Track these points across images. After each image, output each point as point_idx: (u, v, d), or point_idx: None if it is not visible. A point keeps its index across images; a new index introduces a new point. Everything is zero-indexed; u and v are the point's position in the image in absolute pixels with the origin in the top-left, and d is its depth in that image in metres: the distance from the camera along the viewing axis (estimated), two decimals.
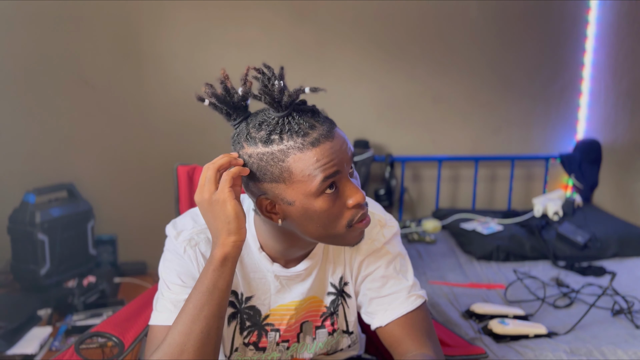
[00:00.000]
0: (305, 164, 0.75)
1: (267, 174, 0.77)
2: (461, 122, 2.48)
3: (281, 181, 0.76)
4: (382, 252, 0.94)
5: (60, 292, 1.77)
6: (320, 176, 0.75)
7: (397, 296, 0.92)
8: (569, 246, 1.98)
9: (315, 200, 0.77)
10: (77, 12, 2.07)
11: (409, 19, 2.34)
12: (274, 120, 0.77)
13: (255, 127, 0.79)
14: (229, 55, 2.21)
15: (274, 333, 0.94)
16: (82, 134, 2.17)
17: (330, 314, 0.97)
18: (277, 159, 0.76)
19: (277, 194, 0.78)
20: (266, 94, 0.77)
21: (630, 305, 1.54)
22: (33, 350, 1.48)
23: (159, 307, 0.86)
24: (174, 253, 0.88)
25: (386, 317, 0.91)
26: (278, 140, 0.76)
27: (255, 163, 0.78)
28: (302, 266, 0.91)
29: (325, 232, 0.80)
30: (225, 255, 0.77)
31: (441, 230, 2.26)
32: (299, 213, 0.78)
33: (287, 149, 0.75)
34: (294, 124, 0.76)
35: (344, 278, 0.97)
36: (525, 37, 2.44)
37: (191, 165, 1.38)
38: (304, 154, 0.75)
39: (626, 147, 2.31)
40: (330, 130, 0.77)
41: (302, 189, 0.76)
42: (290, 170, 0.76)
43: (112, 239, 2.16)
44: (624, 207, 2.30)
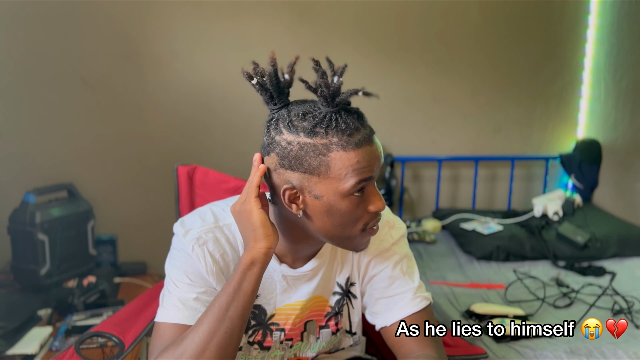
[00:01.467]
0: (344, 163, 0.76)
1: (303, 163, 0.77)
2: (461, 122, 2.48)
3: (316, 174, 0.77)
4: (389, 252, 0.95)
5: (60, 292, 1.77)
6: (355, 178, 0.77)
7: (402, 297, 0.93)
8: (569, 246, 1.98)
9: (343, 200, 0.78)
10: (77, 12, 2.07)
11: (409, 19, 2.34)
12: (321, 114, 0.77)
13: (298, 116, 0.78)
14: (229, 55, 2.20)
15: (278, 332, 0.94)
16: (82, 134, 2.17)
17: (335, 314, 0.98)
18: (318, 152, 0.76)
19: (307, 185, 0.78)
20: (322, 87, 0.77)
21: (630, 305, 1.54)
22: (33, 350, 1.48)
23: (165, 304, 0.86)
24: (182, 251, 0.88)
25: (391, 318, 0.92)
26: (323, 133, 0.76)
27: (293, 151, 0.78)
28: (309, 266, 0.92)
29: (341, 232, 0.81)
30: (252, 260, 0.79)
31: (441, 230, 2.26)
32: (322, 208, 0.79)
33: (331, 144, 0.76)
34: (341, 121, 0.77)
35: (351, 278, 0.97)
36: (525, 37, 2.44)
37: (191, 165, 1.38)
38: (347, 153, 0.76)
39: (626, 147, 2.31)
40: (372, 135, 0.80)
41: (334, 186, 0.77)
42: (329, 165, 0.76)
43: (112, 239, 2.16)
44: (624, 207, 2.30)
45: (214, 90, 2.22)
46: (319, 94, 0.77)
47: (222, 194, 1.36)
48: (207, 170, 1.39)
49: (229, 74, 2.21)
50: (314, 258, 0.92)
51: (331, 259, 0.95)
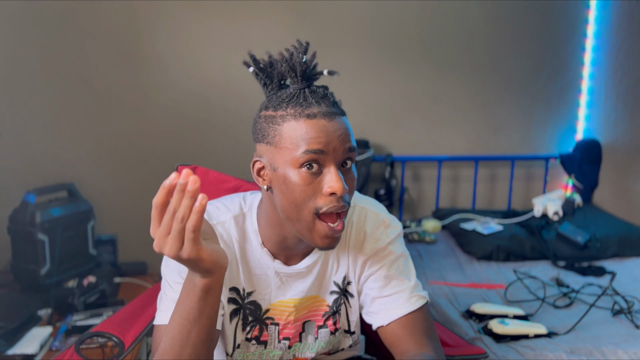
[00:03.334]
0: (295, 133, 0.79)
1: (264, 134, 0.83)
2: (461, 122, 2.48)
3: (272, 144, 0.81)
4: (385, 252, 0.95)
5: (60, 292, 1.77)
6: (303, 148, 0.78)
7: (399, 296, 0.93)
8: (569, 246, 1.98)
9: (294, 172, 0.79)
10: (77, 12, 2.07)
11: (409, 19, 2.34)
12: (289, 91, 0.82)
13: (275, 96, 0.84)
14: (229, 55, 2.20)
15: (273, 327, 0.95)
16: (82, 134, 2.17)
17: (333, 313, 0.98)
18: (275, 122, 0.81)
19: (268, 157, 0.83)
20: (287, 63, 0.83)
21: (630, 305, 1.54)
22: (33, 350, 1.48)
23: (162, 306, 0.87)
24: None
25: (388, 317, 0.92)
26: (284, 107, 0.81)
27: (259, 124, 0.84)
28: (304, 264, 0.92)
29: (295, 213, 0.81)
30: (208, 286, 0.71)
31: (441, 230, 2.26)
32: (279, 181, 0.81)
33: (286, 115, 0.80)
34: (301, 96, 0.81)
35: (347, 277, 0.97)
36: (525, 37, 2.44)
37: (191, 166, 1.38)
38: (298, 123, 0.79)
39: (626, 147, 2.31)
40: (332, 113, 0.81)
41: (286, 155, 0.80)
42: (281, 135, 0.80)
43: (112, 239, 2.15)
44: (624, 207, 2.30)
45: (214, 91, 2.22)
46: (283, 69, 0.83)
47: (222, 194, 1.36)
48: (207, 170, 1.38)
49: (229, 74, 2.21)
50: (308, 256, 0.93)
51: (326, 258, 0.95)
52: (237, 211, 0.92)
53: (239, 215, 0.92)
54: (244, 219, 0.92)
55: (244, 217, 0.92)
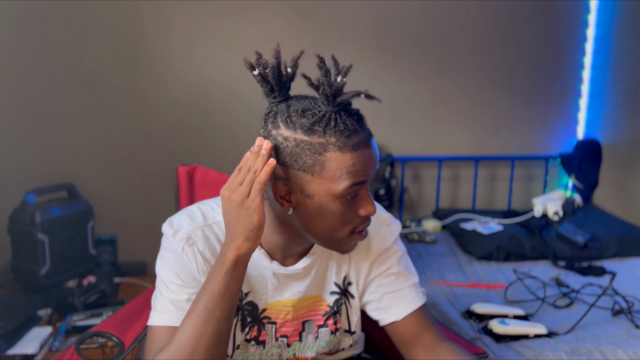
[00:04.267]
0: (340, 164, 0.75)
1: (298, 161, 0.76)
2: (461, 122, 2.48)
3: (310, 172, 0.76)
4: (391, 250, 0.97)
5: (60, 292, 1.77)
6: (349, 181, 0.76)
7: (407, 291, 0.96)
8: (569, 246, 1.98)
9: (334, 201, 0.78)
10: (77, 12, 2.07)
11: (409, 19, 2.34)
12: (321, 113, 0.76)
13: (297, 112, 0.78)
14: (229, 55, 2.21)
15: (270, 326, 0.94)
16: (82, 134, 2.17)
17: (334, 313, 0.98)
18: (314, 150, 0.76)
19: (300, 183, 0.78)
20: (325, 85, 0.76)
21: (630, 305, 1.54)
22: (33, 350, 1.48)
23: (158, 307, 0.85)
24: (172, 252, 0.87)
25: (401, 312, 0.94)
26: (321, 132, 0.75)
27: (289, 147, 0.77)
28: (301, 264, 0.92)
29: (329, 234, 0.81)
30: (238, 258, 0.77)
31: (441, 230, 2.26)
32: (313, 208, 0.78)
33: (328, 144, 0.75)
34: (340, 122, 0.76)
35: (348, 278, 0.98)
36: (525, 37, 2.44)
37: (191, 165, 1.38)
38: (344, 154, 0.75)
39: (626, 147, 2.31)
40: (369, 139, 0.79)
41: (327, 186, 0.77)
42: (324, 165, 0.76)
43: (112, 239, 2.15)
44: (624, 207, 2.30)
45: (214, 90, 2.22)
46: (321, 92, 0.76)
47: None
48: (207, 170, 1.39)
49: (229, 74, 2.21)
50: (305, 256, 0.92)
51: (324, 258, 0.95)
52: None
53: None
54: None
55: None
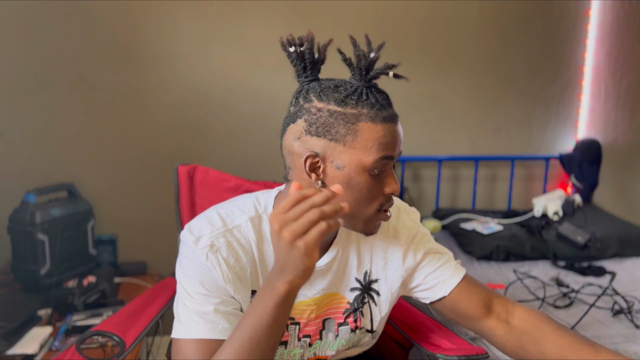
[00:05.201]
0: (371, 135, 0.78)
1: (331, 130, 0.78)
2: (461, 122, 2.49)
3: (342, 142, 0.78)
4: (419, 235, 1.01)
5: (60, 292, 1.77)
6: (380, 153, 0.79)
7: (448, 266, 1.00)
8: (569, 246, 1.98)
9: (362, 174, 0.79)
10: (77, 12, 2.07)
11: (409, 19, 2.34)
12: (353, 87, 0.80)
13: (330, 88, 0.80)
14: (229, 55, 2.21)
15: (294, 326, 0.94)
16: (82, 134, 2.17)
17: (354, 310, 0.97)
18: (347, 120, 0.78)
19: (331, 154, 0.79)
20: (360, 58, 0.80)
21: (630, 305, 1.54)
22: (33, 350, 1.48)
23: (183, 318, 0.83)
24: (195, 260, 0.84)
25: (449, 285, 0.98)
26: (353, 104, 0.78)
27: (322, 117, 0.79)
28: (323, 260, 0.92)
29: (355, 210, 0.82)
30: (289, 292, 0.72)
31: (441, 230, 2.26)
32: (342, 180, 0.80)
33: (360, 115, 0.78)
34: (371, 96, 0.79)
35: (370, 274, 0.98)
36: (525, 37, 2.44)
37: (191, 165, 1.38)
38: (375, 125, 0.78)
39: (626, 147, 2.31)
40: (397, 117, 0.82)
41: (358, 157, 0.79)
42: (356, 134, 0.78)
43: (112, 239, 2.16)
44: (624, 207, 2.30)
45: (214, 90, 2.22)
46: (356, 65, 0.80)
47: (222, 193, 1.36)
48: (207, 169, 1.39)
49: (229, 73, 2.21)
50: (327, 252, 0.92)
51: (345, 253, 0.95)
52: (253, 213, 0.89)
53: (255, 217, 0.89)
54: (260, 220, 0.89)
55: (260, 218, 0.90)
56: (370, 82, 0.80)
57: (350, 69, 0.81)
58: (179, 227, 1.35)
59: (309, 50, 0.83)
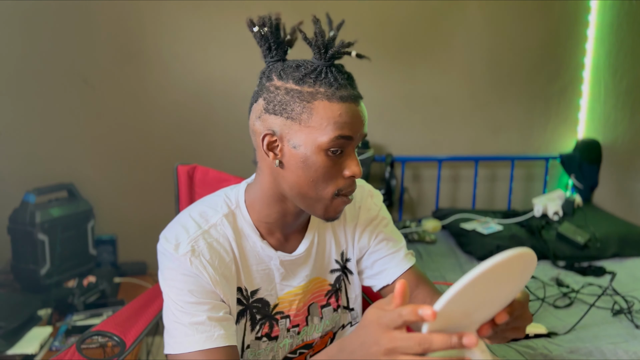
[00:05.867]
0: (327, 113, 0.77)
1: (287, 108, 0.78)
2: (461, 122, 2.49)
3: (297, 121, 0.77)
4: (378, 218, 1.01)
5: (60, 292, 1.77)
6: (334, 133, 0.77)
7: (397, 254, 0.99)
8: (569, 246, 1.98)
9: (318, 154, 0.78)
10: (77, 12, 2.07)
11: (409, 19, 2.34)
12: (313, 66, 0.79)
13: (291, 67, 0.80)
14: (229, 55, 2.21)
15: (284, 320, 0.94)
16: (82, 134, 2.17)
17: (335, 291, 0.99)
18: (303, 98, 0.77)
19: (287, 133, 0.78)
20: (317, 36, 0.80)
21: (630, 305, 1.54)
22: (33, 350, 1.48)
23: (175, 333, 0.79)
24: (179, 269, 0.81)
25: (393, 274, 0.98)
26: (311, 82, 0.77)
27: (280, 96, 0.78)
28: (303, 247, 0.93)
29: (313, 192, 0.81)
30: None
31: (441, 230, 2.26)
32: (297, 160, 0.79)
33: (317, 93, 0.77)
34: (330, 75, 0.78)
35: (346, 254, 1.00)
36: (525, 37, 2.44)
37: (191, 165, 1.38)
38: (331, 103, 0.77)
39: (626, 147, 2.31)
40: (358, 98, 0.80)
41: (313, 136, 0.77)
42: (311, 113, 0.77)
43: (112, 239, 2.16)
44: (624, 207, 2.30)
45: (214, 90, 2.23)
46: (314, 43, 0.80)
47: None
48: (206, 169, 1.39)
49: (229, 73, 2.21)
50: (304, 238, 0.93)
51: (321, 236, 0.96)
52: (226, 210, 0.88)
53: (229, 214, 0.88)
54: (234, 216, 0.88)
55: (234, 214, 0.88)
56: (330, 61, 0.79)
57: (314, 49, 0.80)
58: None
59: (272, 31, 0.84)
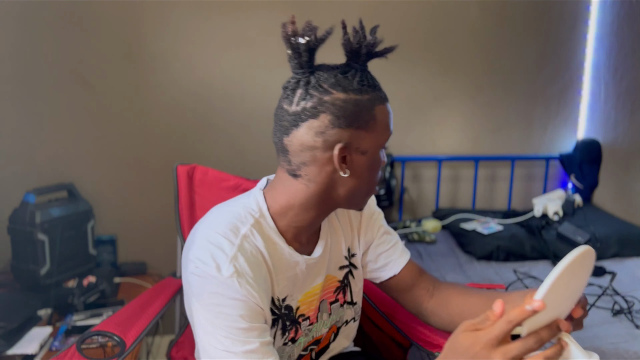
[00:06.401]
0: (385, 115, 0.84)
1: (357, 120, 0.80)
2: (461, 122, 2.49)
3: (364, 128, 0.81)
4: (377, 212, 1.06)
5: (60, 292, 1.77)
6: (388, 131, 0.85)
7: (397, 247, 1.05)
8: (569, 246, 1.98)
9: (378, 153, 0.84)
10: (77, 12, 2.07)
11: (409, 19, 2.34)
12: (357, 72, 0.82)
13: (339, 77, 0.80)
14: (229, 55, 2.21)
15: (305, 322, 0.94)
16: (82, 134, 2.17)
17: (343, 287, 1.01)
18: (367, 106, 0.81)
19: (357, 142, 0.81)
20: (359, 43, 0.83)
21: (630, 305, 1.54)
22: (33, 350, 1.48)
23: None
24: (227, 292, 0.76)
25: (399, 264, 1.03)
26: (365, 89, 0.81)
27: (350, 108, 0.79)
28: (318, 252, 0.93)
29: (368, 188, 0.87)
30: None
31: (441, 230, 2.26)
32: (364, 165, 0.83)
33: (374, 99, 0.82)
34: (370, 78, 0.84)
35: (352, 249, 1.02)
36: (525, 37, 2.44)
37: (191, 165, 1.38)
38: (384, 106, 0.84)
39: (626, 147, 2.31)
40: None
41: (377, 139, 0.83)
42: (375, 118, 0.82)
43: (112, 239, 2.16)
44: (624, 207, 2.30)
45: (214, 90, 2.23)
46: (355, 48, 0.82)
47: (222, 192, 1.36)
48: (206, 169, 1.39)
49: (229, 74, 2.22)
50: (320, 239, 0.94)
51: (333, 235, 0.98)
52: (252, 220, 0.84)
53: (255, 224, 0.84)
54: (260, 225, 0.85)
55: (260, 223, 0.85)
56: (364, 64, 0.84)
57: (349, 52, 0.83)
58: (178, 227, 1.35)
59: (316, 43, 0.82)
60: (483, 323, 0.64)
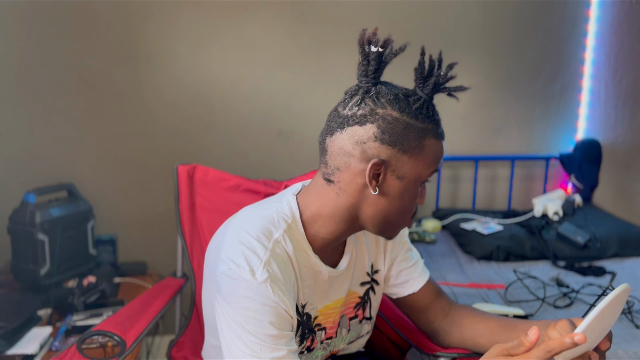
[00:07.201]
0: (434, 150, 0.81)
1: (403, 142, 0.79)
2: (461, 122, 2.49)
3: (408, 154, 0.79)
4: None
5: (60, 292, 1.77)
6: (434, 167, 0.82)
7: (418, 265, 1.05)
8: (569, 246, 1.98)
9: (416, 186, 0.82)
10: (77, 12, 2.07)
11: (409, 19, 2.34)
12: (420, 100, 0.81)
13: (399, 97, 0.81)
14: (229, 55, 2.21)
15: (320, 332, 0.94)
16: (82, 134, 2.17)
17: (363, 303, 1.00)
18: (418, 133, 0.79)
19: (395, 164, 0.79)
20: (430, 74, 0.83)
21: (630, 305, 1.54)
22: (33, 350, 1.48)
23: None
24: (259, 298, 0.75)
25: (419, 283, 1.04)
26: (423, 117, 0.80)
27: (398, 128, 0.78)
28: (343, 264, 0.93)
29: (397, 219, 0.84)
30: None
31: (441, 230, 2.26)
32: (399, 190, 0.81)
33: (428, 130, 0.80)
34: (433, 111, 0.83)
35: (375, 265, 1.01)
36: (525, 37, 2.44)
37: (191, 165, 1.38)
38: (437, 141, 0.82)
39: (626, 147, 2.31)
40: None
41: (418, 170, 0.81)
42: (422, 148, 0.80)
43: (112, 239, 2.16)
44: (624, 207, 2.30)
45: (214, 90, 2.23)
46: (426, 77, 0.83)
47: (222, 192, 1.36)
48: (207, 169, 1.39)
49: (229, 73, 2.21)
50: (345, 253, 0.94)
51: (358, 250, 0.97)
52: (285, 225, 0.84)
53: (287, 229, 0.84)
54: (292, 231, 0.85)
55: (292, 228, 0.85)
56: (432, 95, 0.83)
57: (418, 78, 0.83)
58: (178, 227, 1.35)
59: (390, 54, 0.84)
60: (517, 348, 0.66)
